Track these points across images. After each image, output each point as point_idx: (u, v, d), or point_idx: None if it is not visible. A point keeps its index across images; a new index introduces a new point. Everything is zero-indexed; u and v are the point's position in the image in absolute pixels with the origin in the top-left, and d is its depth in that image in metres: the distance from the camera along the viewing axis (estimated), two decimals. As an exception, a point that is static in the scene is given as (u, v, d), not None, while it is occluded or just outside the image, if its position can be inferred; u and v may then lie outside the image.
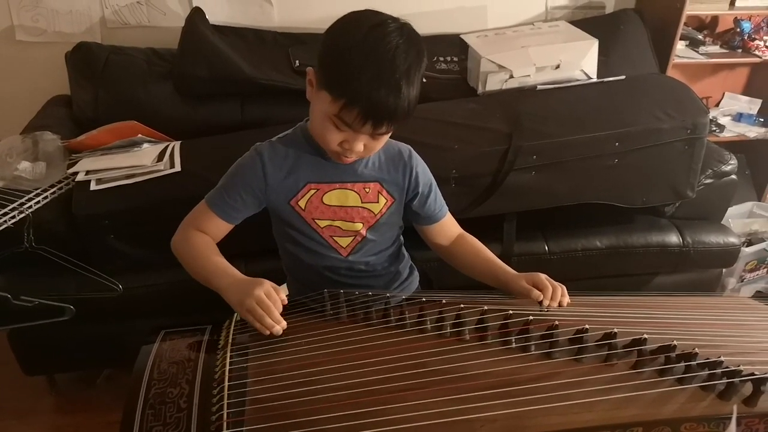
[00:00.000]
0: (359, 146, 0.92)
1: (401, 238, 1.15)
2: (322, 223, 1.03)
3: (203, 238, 0.99)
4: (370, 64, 0.84)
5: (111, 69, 1.83)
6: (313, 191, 1.01)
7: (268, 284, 0.87)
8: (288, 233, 1.05)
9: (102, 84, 1.81)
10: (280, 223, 1.05)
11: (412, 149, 1.08)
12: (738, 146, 2.18)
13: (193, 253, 0.97)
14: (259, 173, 0.99)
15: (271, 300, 0.84)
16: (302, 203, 1.01)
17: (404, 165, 1.05)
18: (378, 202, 1.04)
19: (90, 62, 1.83)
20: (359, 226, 1.04)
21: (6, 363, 1.65)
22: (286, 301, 0.87)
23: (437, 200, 1.10)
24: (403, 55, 0.85)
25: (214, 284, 0.91)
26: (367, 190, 1.03)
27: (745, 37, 2.25)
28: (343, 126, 0.89)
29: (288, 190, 1.00)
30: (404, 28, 0.87)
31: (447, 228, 1.13)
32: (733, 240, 1.77)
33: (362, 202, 1.03)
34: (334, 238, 1.05)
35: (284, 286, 1.18)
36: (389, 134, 0.94)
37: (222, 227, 1.01)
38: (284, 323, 0.84)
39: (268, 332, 0.83)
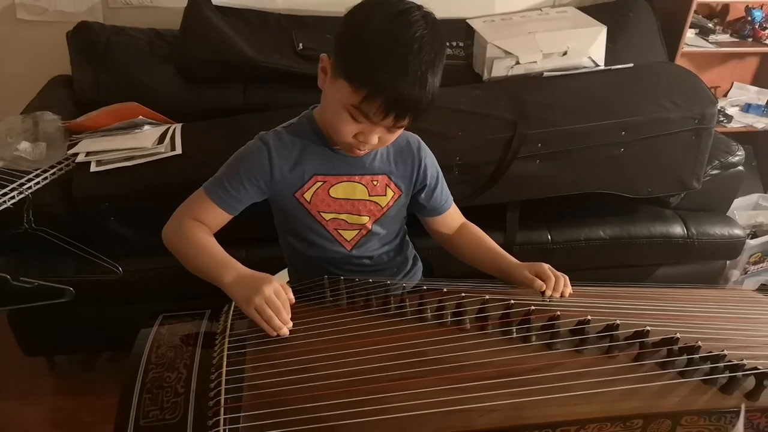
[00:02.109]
0: (374, 138, 0.89)
1: (405, 228, 1.14)
2: (328, 216, 1.01)
3: (201, 228, 0.94)
4: (396, 53, 0.80)
5: (112, 50, 1.80)
6: (319, 183, 0.98)
7: (276, 281, 0.83)
8: (290, 225, 1.03)
9: (103, 65, 1.79)
10: (283, 214, 1.03)
11: (420, 140, 1.05)
12: (745, 137, 2.15)
13: (191, 244, 0.92)
14: (264, 163, 0.95)
15: (280, 299, 0.82)
16: (308, 196, 0.98)
17: (413, 157, 1.03)
18: (385, 195, 1.02)
19: (91, 43, 1.81)
20: (365, 219, 1.02)
21: (6, 344, 1.65)
22: (294, 300, 0.84)
23: (443, 192, 1.08)
24: (428, 46, 0.82)
25: (216, 278, 0.88)
26: (375, 182, 1.00)
27: (756, 26, 2.21)
28: (361, 117, 0.85)
29: (293, 182, 0.97)
30: (428, 17, 0.84)
31: (451, 218, 1.11)
32: (738, 232, 1.76)
33: (369, 195, 1.01)
34: (339, 231, 1.03)
35: (284, 272, 1.17)
36: (406, 127, 0.91)
37: (221, 218, 0.97)
38: (290, 324, 0.82)
39: (275, 334, 0.81)
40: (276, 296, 0.81)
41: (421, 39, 0.81)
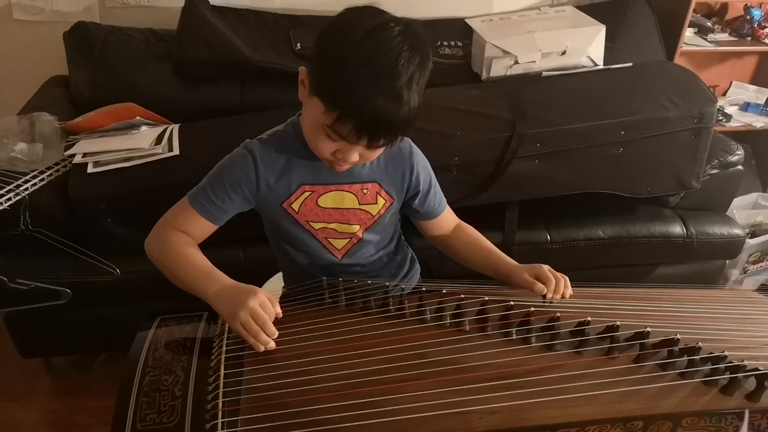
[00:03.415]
0: (353, 157, 0.86)
1: (399, 229, 1.12)
2: (317, 226, 0.98)
3: (185, 239, 0.91)
4: (367, 75, 0.76)
5: (109, 50, 1.80)
6: (307, 193, 0.95)
7: (262, 294, 0.80)
8: (279, 234, 1.01)
9: (100, 65, 1.79)
10: (271, 223, 1.01)
11: (412, 144, 1.02)
12: (744, 136, 2.15)
13: (175, 256, 0.89)
14: (251, 174, 0.92)
15: (267, 312, 0.79)
16: (296, 206, 0.96)
17: (404, 163, 0.99)
18: (376, 203, 0.99)
19: (88, 43, 1.81)
20: (356, 228, 1.00)
21: (3, 346, 1.65)
22: (281, 314, 0.82)
23: (437, 196, 1.06)
24: (405, 64, 0.77)
25: (200, 291, 0.85)
26: (365, 191, 0.97)
27: (755, 25, 2.21)
28: (337, 138, 0.82)
29: (280, 193, 0.94)
30: (408, 30, 0.79)
31: (445, 221, 1.09)
32: (737, 231, 1.76)
33: (360, 204, 0.98)
34: (329, 239, 1.00)
35: (279, 276, 1.16)
36: (386, 146, 0.87)
37: (205, 228, 0.93)
38: (275, 336, 0.79)
39: (262, 348, 0.78)
40: (262, 308, 0.79)
41: (397, 57, 0.76)
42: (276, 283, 1.17)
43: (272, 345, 0.79)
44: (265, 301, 0.80)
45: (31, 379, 1.73)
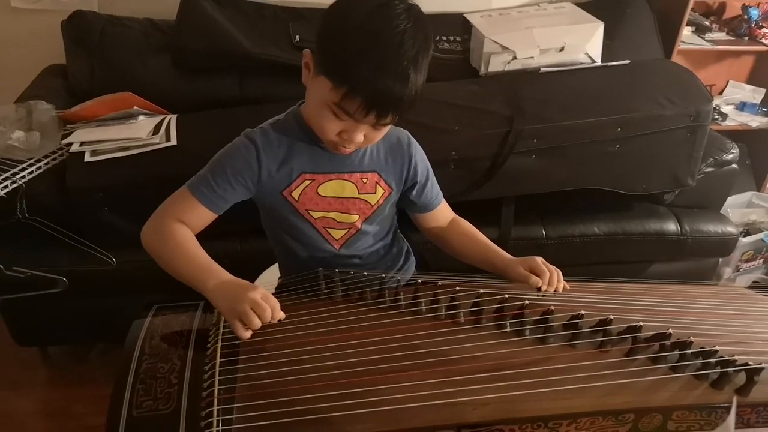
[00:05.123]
0: (359, 137, 0.87)
1: (396, 222, 1.12)
2: (316, 215, 0.99)
3: (183, 230, 0.90)
4: (375, 50, 0.78)
5: (107, 40, 1.79)
6: (308, 182, 0.96)
7: (261, 288, 0.81)
8: (278, 225, 1.02)
9: (98, 55, 1.78)
10: (270, 214, 1.01)
11: (410, 136, 1.03)
12: (739, 135, 2.16)
13: (172, 247, 0.88)
14: (253, 163, 0.92)
15: (269, 303, 0.79)
16: (296, 194, 0.96)
17: (403, 154, 1.01)
18: (375, 192, 1.00)
19: (86, 32, 1.80)
20: (355, 217, 1.00)
21: (-1, 335, 1.65)
22: (284, 316, 0.81)
23: (434, 188, 1.07)
24: (411, 40, 0.79)
25: (198, 284, 0.84)
26: (365, 180, 0.99)
27: (753, 25, 2.22)
28: (344, 115, 0.83)
29: (281, 181, 0.95)
30: (412, 10, 0.81)
31: (441, 214, 1.10)
32: (731, 229, 1.77)
33: (359, 193, 0.99)
34: (328, 229, 1.01)
35: (275, 267, 1.17)
36: (392, 124, 0.89)
37: (205, 217, 0.93)
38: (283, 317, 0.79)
39: (248, 334, 0.78)
40: (264, 300, 0.79)
41: (403, 33, 0.78)
42: (271, 274, 1.18)
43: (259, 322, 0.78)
44: (267, 294, 0.80)
45: (27, 369, 1.73)
